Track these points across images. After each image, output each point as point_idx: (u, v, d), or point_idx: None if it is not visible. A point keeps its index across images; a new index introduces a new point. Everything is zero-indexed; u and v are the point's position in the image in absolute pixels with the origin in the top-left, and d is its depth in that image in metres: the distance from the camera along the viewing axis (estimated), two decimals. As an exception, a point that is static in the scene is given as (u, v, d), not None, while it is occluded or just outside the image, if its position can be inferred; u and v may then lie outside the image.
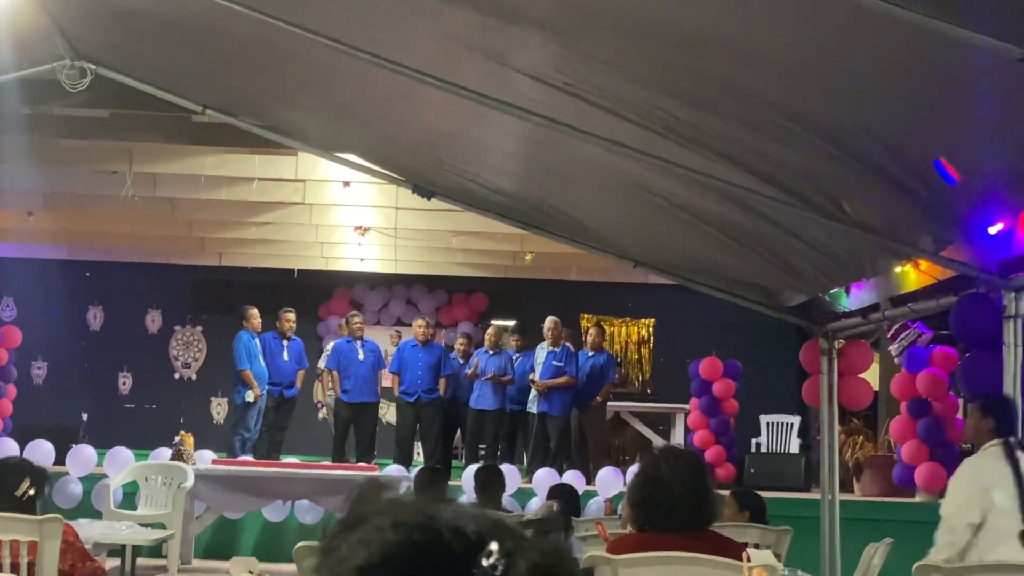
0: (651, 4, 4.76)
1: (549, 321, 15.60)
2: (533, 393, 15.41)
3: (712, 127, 5.82)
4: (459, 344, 16.74)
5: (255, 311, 15.62)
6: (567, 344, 15.58)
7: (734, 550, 5.02)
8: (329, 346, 17.18)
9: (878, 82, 4.69)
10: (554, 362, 15.31)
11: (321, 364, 17.27)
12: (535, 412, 15.33)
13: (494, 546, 1.26)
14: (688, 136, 5.93)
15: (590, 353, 15.68)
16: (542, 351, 15.49)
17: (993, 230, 5.81)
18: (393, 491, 1.36)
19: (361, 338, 16.05)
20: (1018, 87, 4.17)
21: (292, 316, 15.99)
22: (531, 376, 15.38)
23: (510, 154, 7.95)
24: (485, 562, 1.25)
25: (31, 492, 6.54)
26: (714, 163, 6.16)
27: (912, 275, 7.00)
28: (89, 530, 9.88)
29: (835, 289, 8.32)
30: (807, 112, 5.26)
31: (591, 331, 16.29)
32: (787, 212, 6.50)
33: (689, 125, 5.84)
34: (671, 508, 4.82)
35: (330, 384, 16.55)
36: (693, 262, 9.09)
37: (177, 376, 20.93)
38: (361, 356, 15.85)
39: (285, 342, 15.80)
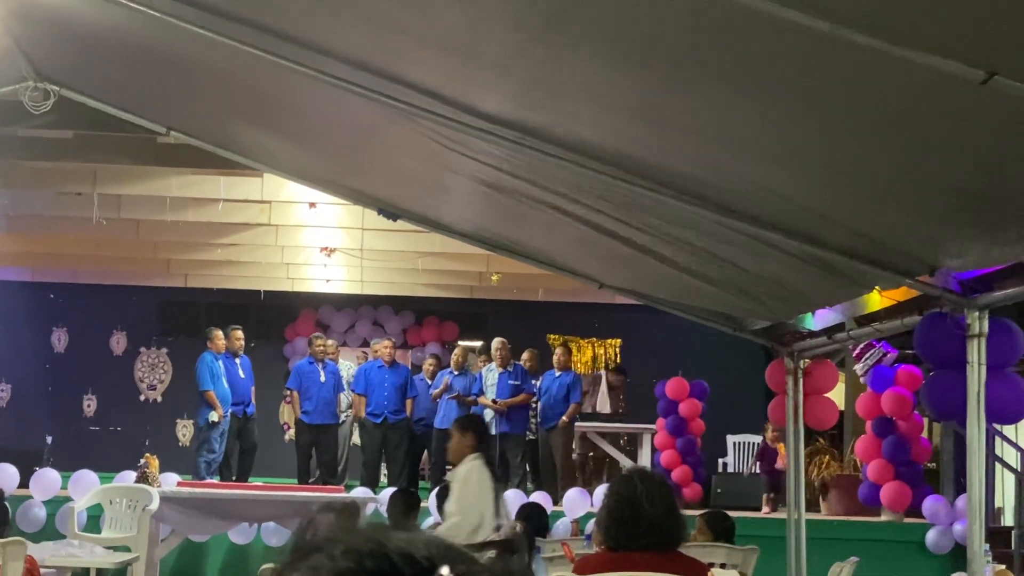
0: (618, 35, 4.77)
1: (496, 342, 15.68)
2: (489, 415, 15.40)
3: (674, 157, 5.85)
4: (428, 364, 16.71)
5: (219, 332, 15.59)
6: (518, 363, 15.63)
7: (700, 570, 5.04)
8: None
9: (844, 107, 4.71)
10: (510, 381, 15.37)
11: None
12: (494, 433, 15.33)
13: (445, 570, 1.26)
14: (649, 174, 5.96)
15: (556, 373, 15.67)
16: (491, 373, 15.54)
17: (956, 250, 5.85)
18: (347, 517, 1.35)
19: (323, 360, 16.01)
20: (980, 110, 4.20)
21: (240, 333, 15.95)
22: (484, 398, 15.39)
23: (471, 196, 8.00)
24: None
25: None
26: (678, 194, 6.18)
27: (876, 295, 7.04)
28: (53, 552, 9.82)
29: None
30: (774, 141, 5.28)
31: (557, 351, 16.28)
32: (749, 244, 6.52)
33: (650, 154, 5.87)
34: (649, 527, 4.85)
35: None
36: (658, 289, 9.13)
37: (143, 398, 20.83)
38: (322, 378, 15.81)
39: (238, 360, 15.76)
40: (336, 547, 1.28)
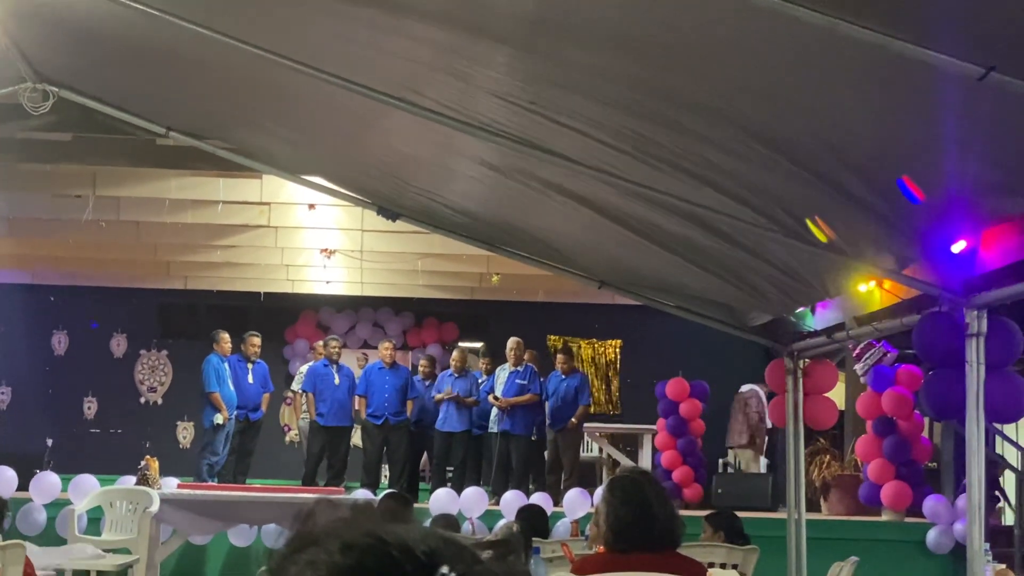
0: (619, 23, 4.76)
1: (512, 342, 15.66)
2: (494, 413, 15.42)
3: (677, 145, 5.83)
4: (423, 367, 16.64)
5: (226, 335, 15.56)
6: (530, 364, 15.62)
7: (698, 570, 5.02)
8: (304, 368, 17.11)
9: (843, 102, 4.71)
10: (518, 380, 15.36)
11: (295, 387, 17.26)
12: (496, 432, 15.34)
13: (445, 568, 1.23)
14: (653, 154, 5.94)
15: (563, 376, 15.65)
16: (503, 372, 15.55)
17: (956, 248, 5.84)
18: (343, 511, 1.32)
19: (337, 362, 16.00)
20: (978, 106, 4.19)
21: (257, 340, 15.94)
22: (492, 395, 15.40)
23: (475, 178, 7.94)
24: None
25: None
26: (679, 182, 6.17)
27: (876, 295, 7.02)
28: (54, 556, 9.81)
29: (800, 309, 8.34)
30: (772, 132, 5.28)
31: (558, 356, 16.25)
32: (750, 232, 6.52)
33: (654, 143, 5.85)
34: (662, 527, 4.84)
35: (304, 406, 16.50)
36: (658, 283, 9.09)
37: (143, 400, 20.81)
38: (337, 380, 15.80)
39: (250, 365, 15.74)
40: (334, 542, 1.25)
